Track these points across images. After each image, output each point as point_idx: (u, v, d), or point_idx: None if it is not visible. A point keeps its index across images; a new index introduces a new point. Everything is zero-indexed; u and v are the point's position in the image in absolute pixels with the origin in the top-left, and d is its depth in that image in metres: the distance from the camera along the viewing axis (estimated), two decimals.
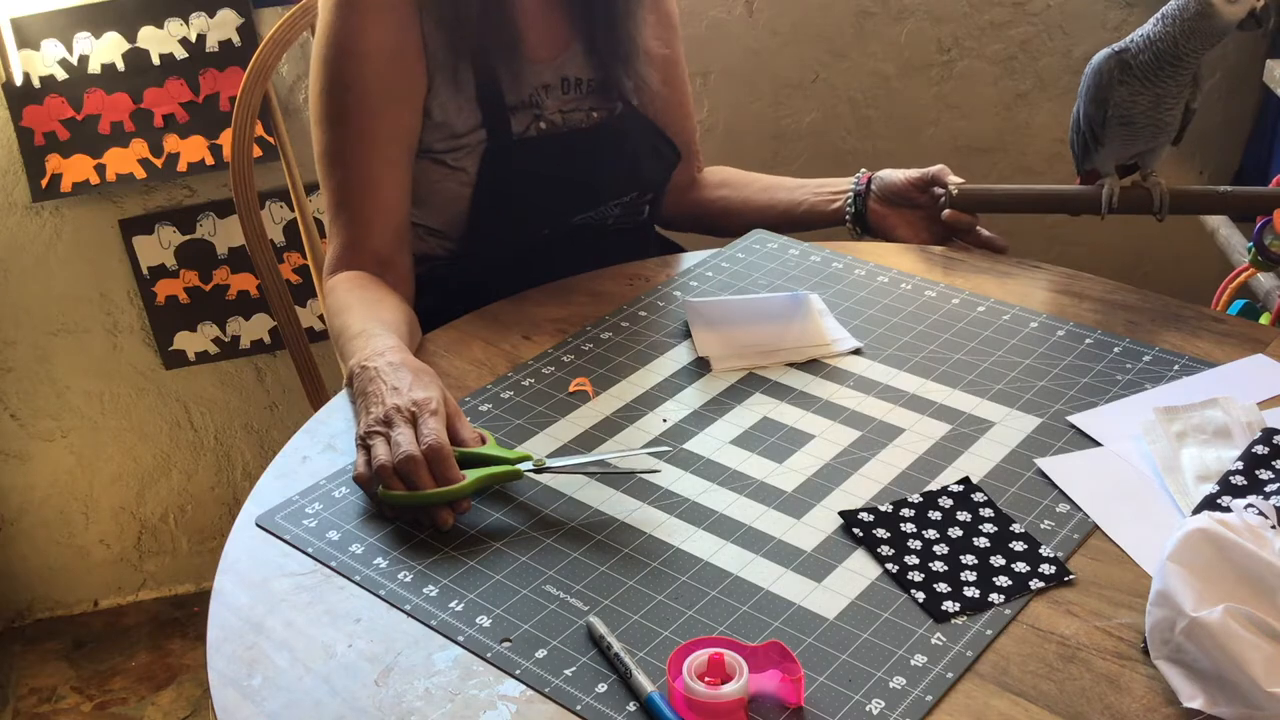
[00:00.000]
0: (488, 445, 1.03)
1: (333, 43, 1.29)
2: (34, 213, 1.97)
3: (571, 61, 1.40)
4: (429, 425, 0.99)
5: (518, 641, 0.87)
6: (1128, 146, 1.34)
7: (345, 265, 1.31)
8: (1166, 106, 1.29)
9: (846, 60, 2.15)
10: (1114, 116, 1.32)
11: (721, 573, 0.93)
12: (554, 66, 1.39)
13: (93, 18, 1.85)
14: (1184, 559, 0.82)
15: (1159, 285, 1.46)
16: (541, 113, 1.38)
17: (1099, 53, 1.31)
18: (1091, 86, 1.33)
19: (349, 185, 1.31)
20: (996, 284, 1.32)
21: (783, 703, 0.81)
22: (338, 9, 1.29)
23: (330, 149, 1.32)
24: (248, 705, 0.83)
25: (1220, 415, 1.04)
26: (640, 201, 1.48)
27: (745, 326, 1.23)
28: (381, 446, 0.99)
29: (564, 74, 1.39)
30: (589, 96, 1.41)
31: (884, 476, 1.03)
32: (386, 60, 1.29)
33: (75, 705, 2.08)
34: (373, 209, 1.31)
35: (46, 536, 2.21)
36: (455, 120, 1.34)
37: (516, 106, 1.36)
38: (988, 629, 0.87)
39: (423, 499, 0.97)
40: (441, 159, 1.35)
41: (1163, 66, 1.26)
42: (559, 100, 1.39)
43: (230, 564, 0.96)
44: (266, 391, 2.19)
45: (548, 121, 1.38)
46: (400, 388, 1.04)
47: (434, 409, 1.01)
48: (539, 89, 1.38)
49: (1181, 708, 0.79)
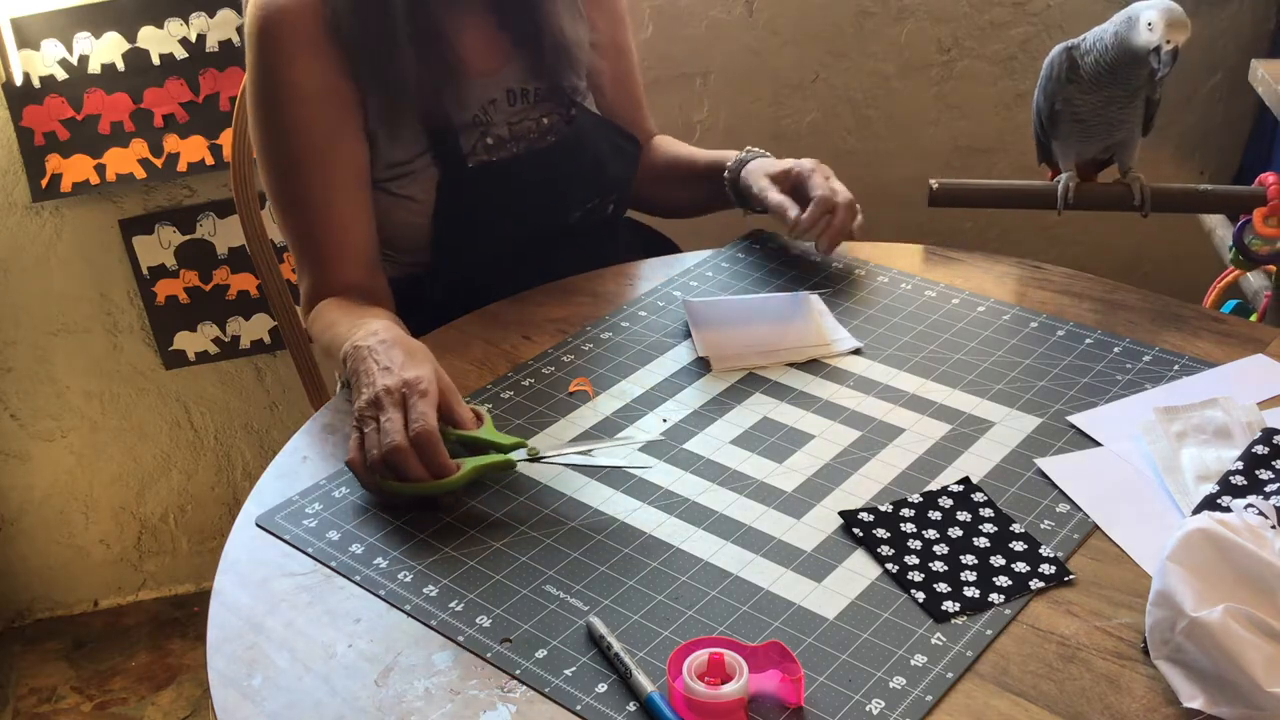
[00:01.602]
0: (484, 427, 1.04)
1: (263, 87, 1.28)
2: (34, 213, 1.97)
3: (514, 73, 1.38)
4: (417, 409, 0.99)
5: (518, 641, 0.87)
6: (1084, 142, 1.34)
7: (320, 299, 1.31)
8: (1117, 105, 1.30)
9: (846, 60, 2.15)
10: (1064, 112, 1.32)
11: (721, 573, 0.93)
12: (497, 80, 1.37)
13: (93, 18, 1.85)
14: (1184, 559, 0.82)
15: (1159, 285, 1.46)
16: (488, 129, 1.36)
17: (1056, 45, 1.32)
18: (1042, 79, 1.34)
19: (310, 229, 1.30)
20: (996, 284, 1.32)
21: (783, 703, 0.81)
22: (260, 53, 1.27)
23: (283, 195, 1.31)
24: (248, 705, 0.83)
25: (1220, 415, 1.04)
26: (604, 203, 1.47)
27: (745, 326, 1.23)
28: (372, 435, 0.99)
29: (509, 86, 1.38)
30: (538, 104, 1.40)
31: (884, 476, 1.03)
32: (320, 98, 1.27)
33: (75, 705, 2.08)
34: (338, 247, 1.30)
35: (46, 536, 2.21)
36: (391, 150, 1.32)
37: (462, 127, 1.34)
38: (988, 629, 0.87)
39: (413, 491, 0.98)
40: (385, 187, 1.33)
41: (1102, 73, 1.28)
42: (506, 113, 1.37)
43: (230, 564, 0.96)
44: (266, 391, 2.19)
45: (494, 137, 1.37)
46: (391, 366, 1.03)
47: (423, 389, 1.00)
48: (485, 105, 1.36)
49: (1181, 708, 0.79)
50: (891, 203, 2.26)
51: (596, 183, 1.44)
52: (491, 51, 1.38)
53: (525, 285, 1.35)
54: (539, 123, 1.40)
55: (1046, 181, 1.43)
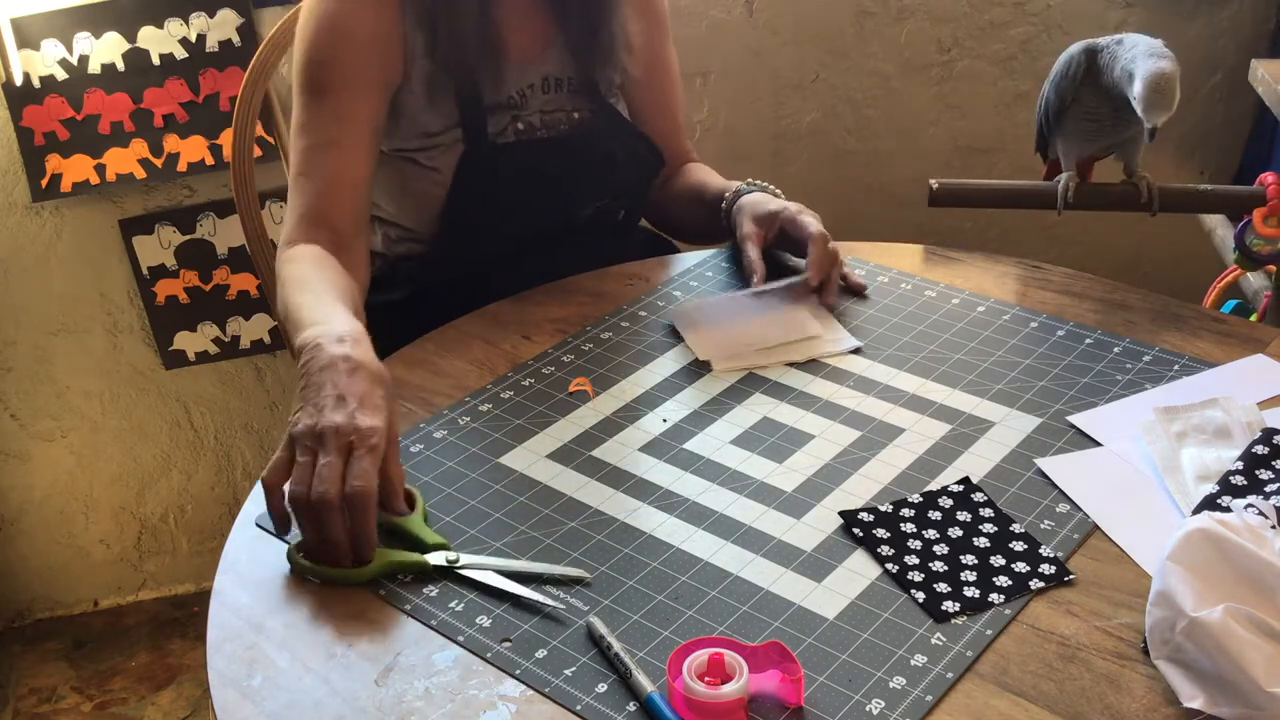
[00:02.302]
0: (415, 516, 0.97)
1: (317, 16, 1.30)
2: (34, 213, 1.97)
3: (553, 60, 1.40)
4: (361, 465, 0.91)
5: (518, 641, 0.87)
6: (1090, 141, 1.34)
7: (303, 237, 1.27)
8: (1130, 111, 1.28)
9: (846, 60, 2.15)
10: (1074, 110, 1.32)
11: (721, 573, 0.93)
12: (536, 66, 1.38)
13: (93, 18, 1.85)
14: (1184, 559, 0.82)
15: (1159, 285, 1.46)
16: (520, 113, 1.38)
17: (1076, 43, 1.31)
18: (1058, 75, 1.33)
19: (315, 153, 1.30)
20: (996, 284, 1.32)
21: (783, 703, 0.81)
22: None
23: (302, 118, 1.31)
24: (248, 705, 0.83)
25: (1220, 415, 1.04)
26: (615, 206, 1.47)
27: (740, 322, 1.23)
28: (304, 470, 0.91)
29: (545, 74, 1.39)
30: (570, 96, 1.41)
31: (884, 476, 1.03)
32: (366, 43, 1.29)
33: (75, 705, 2.08)
34: (336, 181, 1.29)
35: (46, 536, 2.21)
36: (427, 119, 1.34)
37: (495, 107, 1.36)
38: (988, 629, 0.87)
39: (323, 576, 0.93)
40: (413, 157, 1.35)
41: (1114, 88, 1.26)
42: (540, 100, 1.39)
43: (230, 564, 0.96)
44: (266, 391, 2.19)
45: (525, 123, 1.38)
46: (346, 399, 0.94)
47: (373, 444, 0.92)
48: (523, 89, 1.37)
49: (1181, 708, 0.79)
50: (891, 203, 2.26)
51: (607, 182, 1.44)
52: (534, 36, 1.39)
53: (526, 279, 1.35)
54: (569, 115, 1.41)
55: (1046, 181, 1.43)
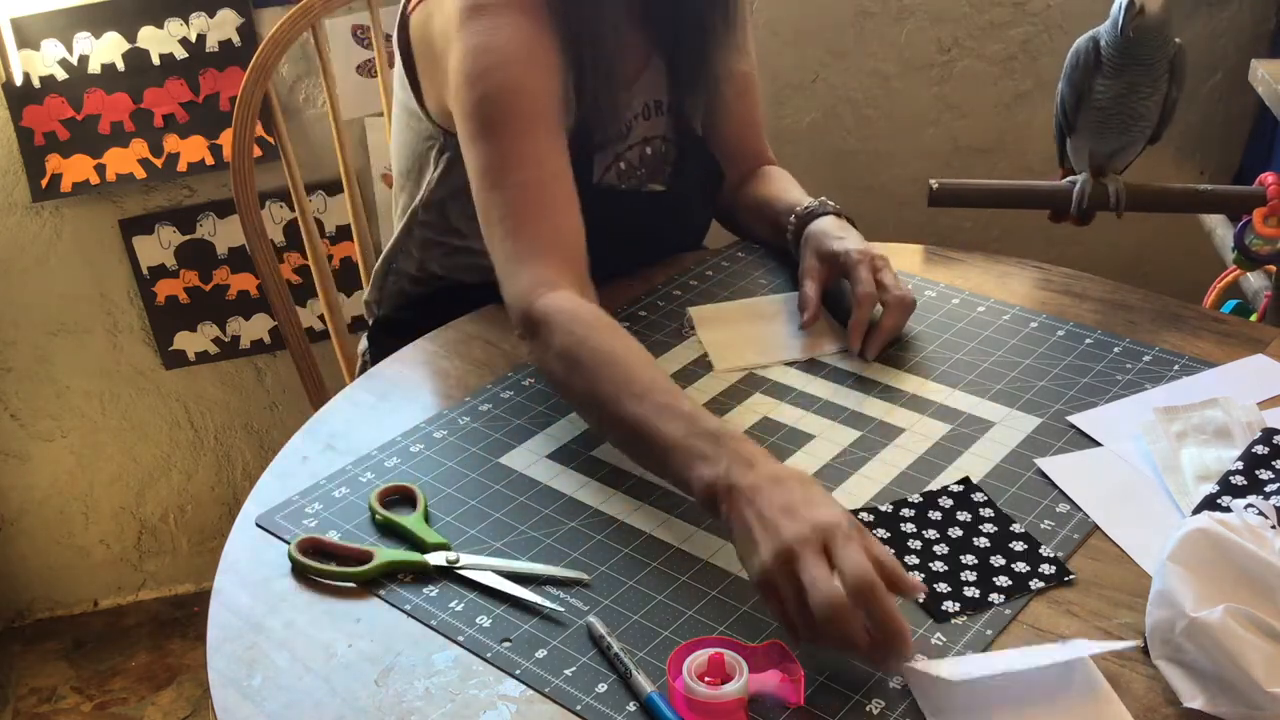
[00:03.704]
0: (415, 515, 0.98)
1: (470, 53, 1.15)
2: (34, 213, 1.97)
3: (649, 82, 1.32)
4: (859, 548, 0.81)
5: (518, 641, 0.87)
6: (1102, 137, 1.34)
7: (549, 289, 1.08)
8: (1141, 95, 1.29)
9: (846, 60, 2.15)
10: (1086, 102, 1.32)
11: (721, 573, 0.93)
12: (639, 90, 1.31)
13: (93, 18, 1.85)
14: (1184, 559, 0.82)
15: (1159, 285, 1.46)
16: (621, 149, 1.31)
17: (1082, 35, 1.31)
18: (1069, 68, 1.33)
19: (523, 198, 1.12)
20: (996, 284, 1.32)
21: (783, 703, 0.81)
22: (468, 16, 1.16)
23: (489, 163, 1.14)
24: (248, 705, 0.83)
25: (1220, 415, 1.04)
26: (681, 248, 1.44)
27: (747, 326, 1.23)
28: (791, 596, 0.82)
29: (646, 99, 1.32)
30: (663, 120, 1.35)
31: (884, 476, 1.03)
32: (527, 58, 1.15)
33: (75, 705, 2.08)
34: (554, 221, 1.13)
35: (46, 536, 2.22)
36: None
37: (603, 143, 1.27)
38: (988, 629, 0.87)
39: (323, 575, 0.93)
40: None
41: (1117, 55, 1.27)
42: (642, 128, 1.33)
43: (230, 564, 0.96)
44: (266, 391, 2.19)
45: (626, 161, 1.32)
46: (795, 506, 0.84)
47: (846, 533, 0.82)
48: (629, 119, 1.30)
49: (1181, 708, 0.79)
50: (891, 203, 2.26)
51: (684, 242, 1.44)
52: (637, 57, 1.30)
53: None
54: (660, 149, 1.35)
55: (1046, 181, 1.42)
